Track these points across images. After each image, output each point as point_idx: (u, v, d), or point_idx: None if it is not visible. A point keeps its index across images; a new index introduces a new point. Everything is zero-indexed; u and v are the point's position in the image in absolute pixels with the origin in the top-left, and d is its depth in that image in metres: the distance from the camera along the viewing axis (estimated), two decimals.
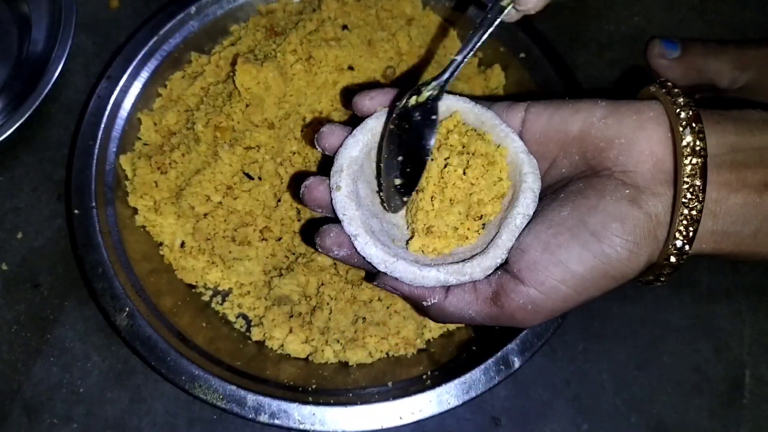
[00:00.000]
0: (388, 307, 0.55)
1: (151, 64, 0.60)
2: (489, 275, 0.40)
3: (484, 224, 0.42)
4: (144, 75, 0.60)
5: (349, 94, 0.56)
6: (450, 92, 0.43)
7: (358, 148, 0.42)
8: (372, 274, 0.41)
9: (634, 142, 0.38)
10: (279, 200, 0.56)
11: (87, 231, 0.54)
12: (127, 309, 0.51)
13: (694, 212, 0.36)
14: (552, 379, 0.56)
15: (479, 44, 0.44)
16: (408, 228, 0.43)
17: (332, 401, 0.49)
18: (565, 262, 0.37)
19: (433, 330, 0.56)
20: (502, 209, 0.41)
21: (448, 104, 0.42)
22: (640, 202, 0.37)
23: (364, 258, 0.40)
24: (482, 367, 0.50)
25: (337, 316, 0.54)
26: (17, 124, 0.57)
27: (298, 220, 0.56)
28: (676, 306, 0.59)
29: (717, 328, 0.58)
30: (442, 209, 0.41)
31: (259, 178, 0.56)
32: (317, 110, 0.58)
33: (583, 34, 0.70)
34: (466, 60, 0.44)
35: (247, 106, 0.56)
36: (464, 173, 0.41)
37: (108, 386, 0.54)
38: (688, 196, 0.36)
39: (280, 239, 0.56)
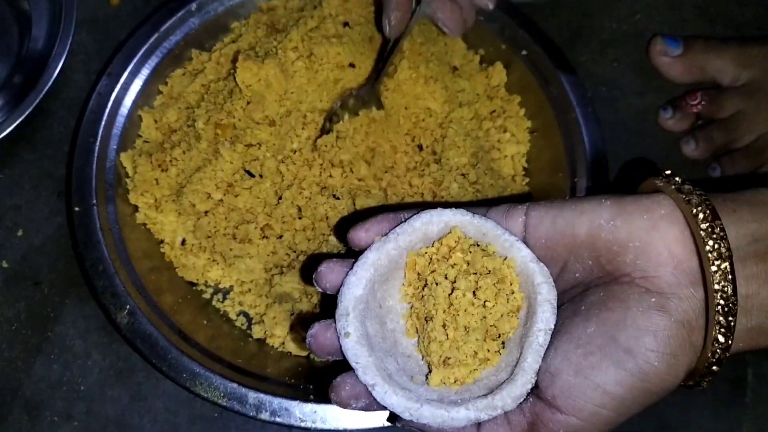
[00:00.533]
0: None
1: (152, 61, 0.60)
2: (521, 402, 0.38)
3: (503, 342, 0.40)
4: (144, 72, 0.60)
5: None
6: (446, 204, 0.41)
7: (362, 285, 0.39)
8: (394, 414, 0.38)
9: (649, 244, 0.36)
10: (280, 198, 0.56)
11: (87, 228, 0.53)
12: (128, 307, 0.51)
13: (730, 318, 0.34)
14: None
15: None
16: (423, 359, 0.41)
17: None
18: (602, 384, 0.35)
19: None
20: (519, 324, 0.39)
21: (445, 220, 0.40)
22: (669, 309, 0.35)
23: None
24: None
25: None
26: (17, 122, 0.57)
27: (299, 218, 0.56)
28: None
29: None
30: (458, 338, 0.39)
31: (260, 176, 0.56)
32: (318, 108, 0.58)
33: (585, 32, 0.70)
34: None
35: (248, 103, 0.56)
36: (474, 294, 0.39)
37: (109, 384, 0.54)
38: (721, 302, 0.34)
39: (281, 237, 0.56)
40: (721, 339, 0.34)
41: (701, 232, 0.35)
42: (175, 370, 0.49)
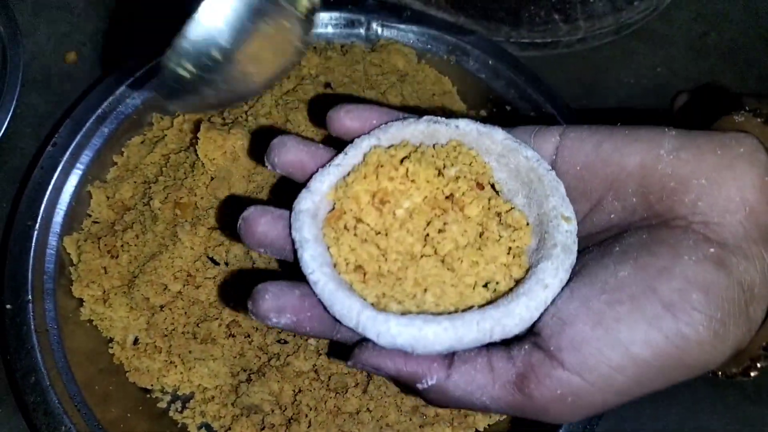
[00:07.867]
0: (378, 420, 0.46)
1: (105, 129, 0.52)
2: (512, 347, 0.31)
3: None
4: (96, 142, 0.52)
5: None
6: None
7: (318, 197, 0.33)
8: (340, 351, 0.31)
9: (719, 184, 0.30)
10: None
11: (19, 331, 0.45)
12: (63, 428, 0.43)
13: None
14: None
15: None
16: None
17: None
18: (626, 343, 0.28)
19: None
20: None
21: (455, 127, 0.35)
22: (729, 266, 0.29)
23: (322, 320, 0.30)
24: None
25: (317, 430, 0.45)
26: None
27: None
28: (717, 409, 0.50)
29: None
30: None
31: (226, 264, 0.48)
32: None
33: (599, 88, 0.63)
34: None
35: (212, 179, 0.49)
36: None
37: None
38: None
39: (249, 336, 0.48)
40: None
41: None
42: None
